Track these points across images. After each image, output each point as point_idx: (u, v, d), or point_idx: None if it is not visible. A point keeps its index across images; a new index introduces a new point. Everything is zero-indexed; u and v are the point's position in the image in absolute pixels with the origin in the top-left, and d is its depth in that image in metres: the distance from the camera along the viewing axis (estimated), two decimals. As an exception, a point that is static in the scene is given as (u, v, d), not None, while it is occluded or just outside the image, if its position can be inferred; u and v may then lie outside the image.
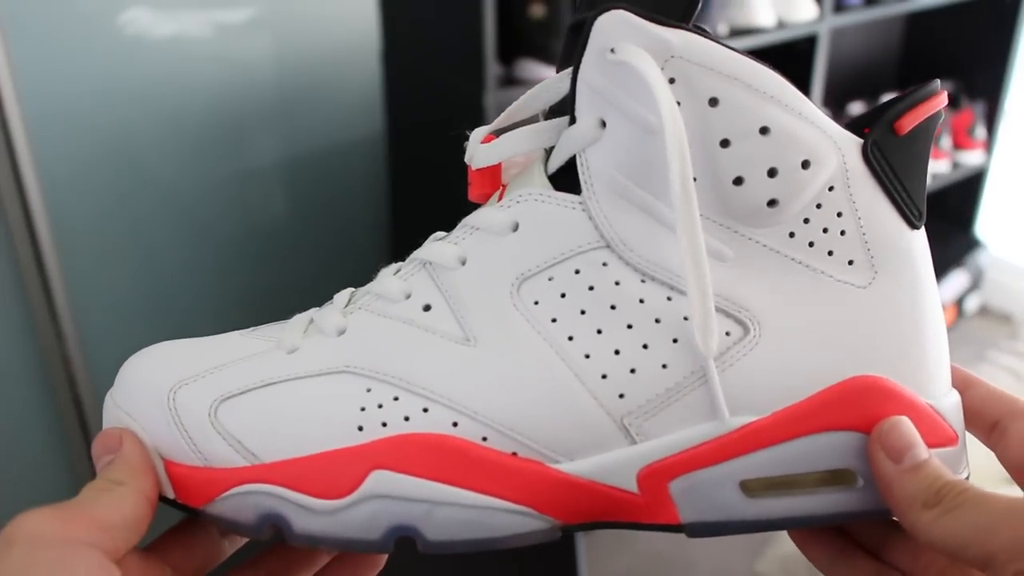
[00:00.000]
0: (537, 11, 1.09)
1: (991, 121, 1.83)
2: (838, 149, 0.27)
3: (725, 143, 0.26)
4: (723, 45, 0.25)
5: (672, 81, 0.25)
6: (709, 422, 0.27)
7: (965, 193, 1.91)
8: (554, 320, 0.27)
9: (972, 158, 1.83)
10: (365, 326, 0.29)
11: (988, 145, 1.85)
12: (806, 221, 0.27)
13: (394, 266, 0.32)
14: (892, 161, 0.27)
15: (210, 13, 1.12)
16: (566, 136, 0.27)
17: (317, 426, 0.27)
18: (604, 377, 0.27)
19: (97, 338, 1.16)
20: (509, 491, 0.27)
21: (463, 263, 0.28)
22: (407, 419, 0.27)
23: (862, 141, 0.27)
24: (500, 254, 0.28)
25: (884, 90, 1.81)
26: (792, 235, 0.27)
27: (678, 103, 0.25)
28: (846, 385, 0.27)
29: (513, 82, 1.09)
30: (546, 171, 0.28)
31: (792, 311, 0.27)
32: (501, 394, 0.27)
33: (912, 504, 0.25)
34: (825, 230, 0.27)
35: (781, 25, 1.32)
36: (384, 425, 0.27)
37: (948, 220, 1.97)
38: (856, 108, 1.72)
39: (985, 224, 1.98)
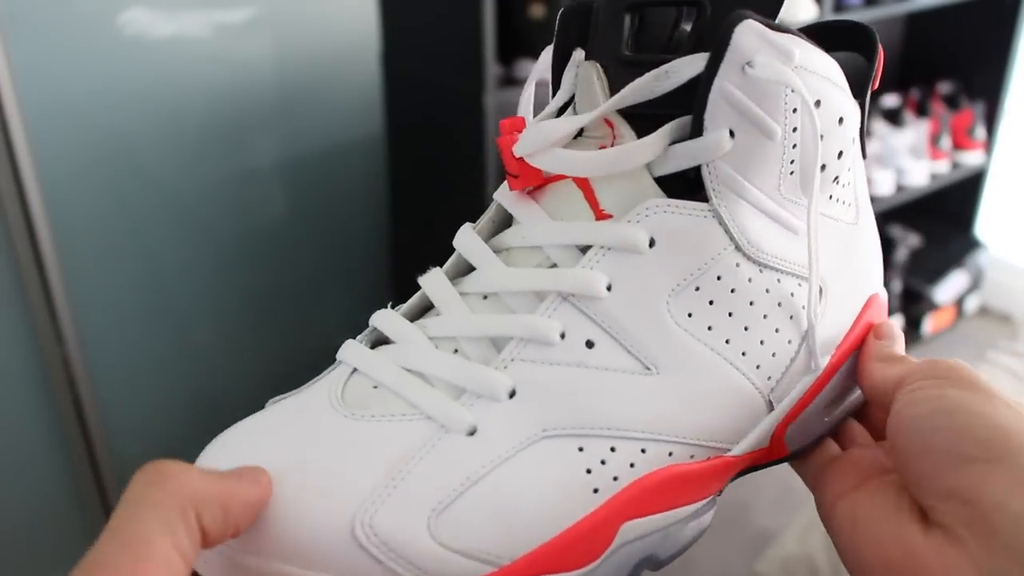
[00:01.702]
0: (537, 11, 1.09)
1: (991, 121, 1.83)
2: (859, 120, 0.30)
3: (821, 137, 0.28)
4: (814, 45, 0.28)
5: None
6: (810, 374, 0.31)
7: (965, 193, 1.91)
8: (710, 328, 0.28)
9: (972, 158, 1.83)
10: (537, 380, 0.27)
11: (988, 145, 1.84)
12: (836, 180, 0.30)
13: (410, 303, 0.30)
14: (866, 112, 0.31)
15: (210, 14, 1.12)
16: (694, 147, 0.27)
17: (552, 505, 0.26)
18: (758, 367, 0.29)
19: (97, 338, 1.16)
20: (709, 491, 0.30)
21: (609, 288, 0.27)
22: (632, 465, 0.27)
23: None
24: (646, 273, 0.27)
25: (884, 90, 1.81)
26: (831, 197, 0.30)
27: (794, 109, 0.27)
28: (864, 308, 0.32)
29: (513, 82, 1.09)
30: (651, 175, 0.28)
31: (835, 261, 0.31)
32: (697, 413, 0.28)
33: (871, 358, 0.31)
34: (844, 185, 0.31)
35: (781, 25, 1.32)
36: (616, 479, 0.27)
37: (948, 220, 1.97)
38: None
39: (985, 224, 1.98)
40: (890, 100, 1.77)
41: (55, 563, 1.24)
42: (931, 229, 1.94)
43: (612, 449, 0.27)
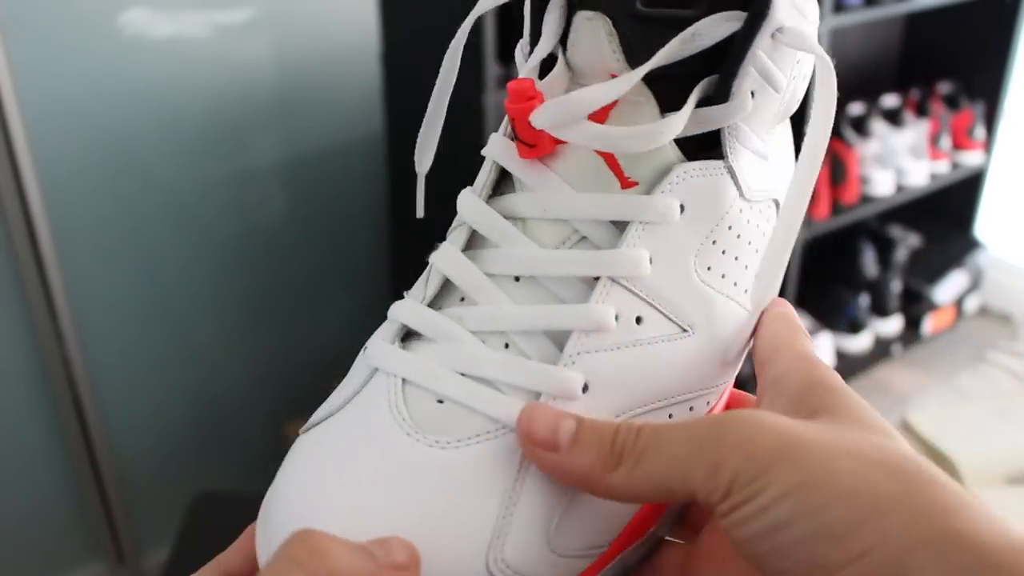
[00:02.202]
0: (537, 11, 1.09)
1: (990, 121, 1.83)
2: None
3: (805, 74, 0.29)
4: None
5: None
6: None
7: (965, 193, 1.91)
8: (723, 276, 0.29)
9: (971, 158, 1.83)
10: (602, 369, 0.26)
11: (987, 145, 1.85)
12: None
13: (424, 287, 0.28)
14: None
15: (210, 14, 1.12)
16: (722, 112, 0.27)
17: None
18: (746, 291, 0.30)
19: (97, 338, 1.16)
20: None
21: (651, 262, 0.27)
22: None
23: None
24: (678, 240, 0.27)
25: (884, 90, 1.81)
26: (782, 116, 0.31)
27: (798, 60, 0.28)
28: None
29: (513, 82, 1.09)
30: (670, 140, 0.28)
31: (782, 173, 0.31)
32: (724, 359, 0.29)
33: (596, 476, 0.24)
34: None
35: (781, 25, 1.32)
36: None
37: (948, 220, 1.97)
38: (856, 108, 1.72)
39: (985, 224, 1.98)
40: (890, 100, 1.77)
41: (55, 563, 1.24)
42: (931, 229, 1.94)
43: (669, 415, 0.28)
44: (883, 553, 0.20)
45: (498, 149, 0.29)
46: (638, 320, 0.27)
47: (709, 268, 0.28)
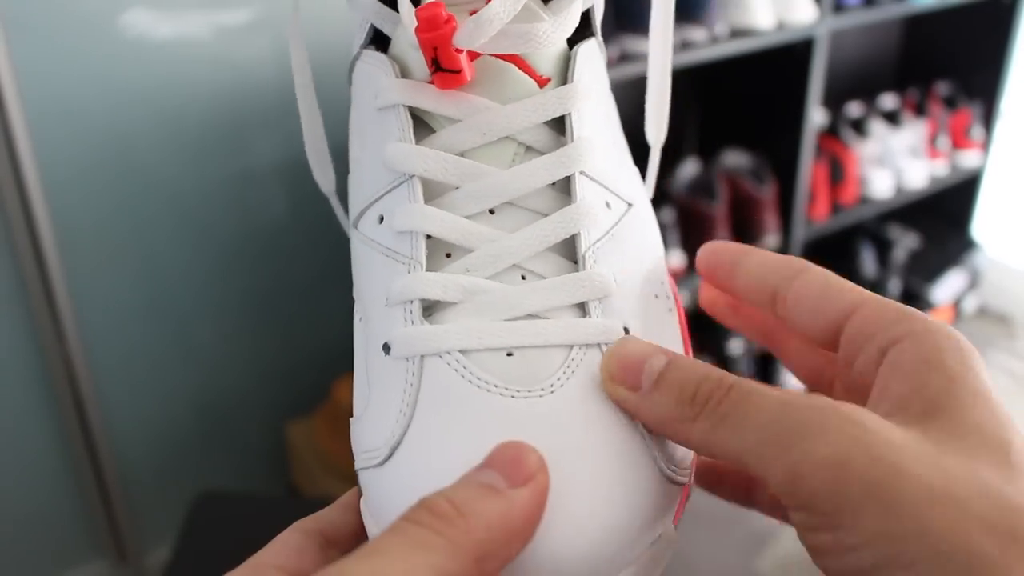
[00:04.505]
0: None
1: (988, 122, 1.84)
2: None
3: None
4: None
5: None
6: None
7: (962, 194, 1.91)
8: (617, 142, 0.32)
9: (969, 159, 1.83)
10: (610, 257, 0.27)
11: (985, 146, 1.85)
12: None
13: (410, 256, 0.26)
14: None
15: (211, 15, 1.13)
16: None
17: None
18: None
19: (98, 339, 1.16)
20: None
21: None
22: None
23: None
24: (596, 117, 0.29)
25: (882, 91, 1.81)
26: None
27: None
28: None
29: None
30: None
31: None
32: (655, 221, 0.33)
33: (673, 424, 0.22)
34: None
35: (780, 27, 1.32)
36: None
37: (946, 221, 1.97)
38: (854, 109, 1.72)
39: (982, 225, 1.98)
40: (888, 101, 1.77)
41: (57, 561, 1.25)
42: (929, 229, 1.94)
43: (655, 296, 0.30)
44: None
45: (405, 93, 0.27)
46: (607, 205, 0.27)
47: (614, 135, 0.30)
